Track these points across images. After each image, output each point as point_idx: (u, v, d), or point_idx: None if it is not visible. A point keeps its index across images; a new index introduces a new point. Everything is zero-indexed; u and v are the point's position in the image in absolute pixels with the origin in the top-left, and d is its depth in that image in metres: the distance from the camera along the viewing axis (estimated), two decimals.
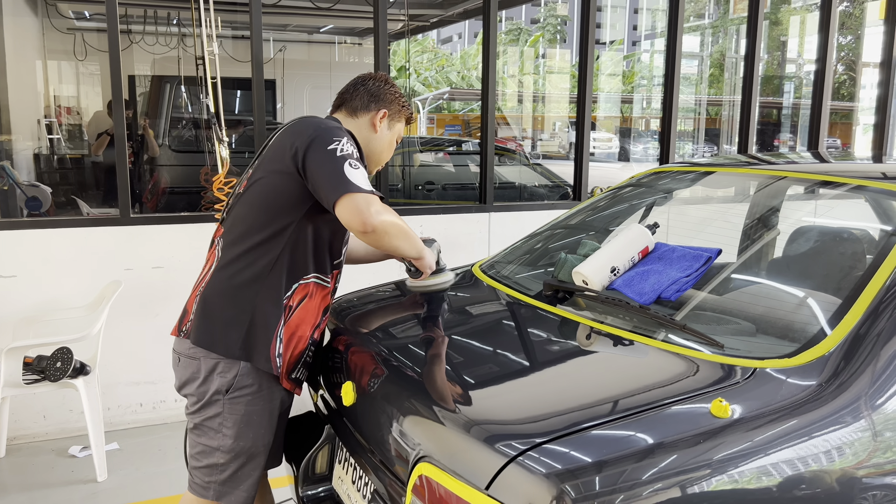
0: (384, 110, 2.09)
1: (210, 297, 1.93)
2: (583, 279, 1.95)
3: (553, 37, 32.04)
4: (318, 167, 1.82)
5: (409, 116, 2.18)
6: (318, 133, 1.87)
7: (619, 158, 19.06)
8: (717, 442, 1.31)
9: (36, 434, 3.62)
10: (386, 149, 2.15)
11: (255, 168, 2.00)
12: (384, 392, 1.73)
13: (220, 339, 1.88)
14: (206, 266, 2.02)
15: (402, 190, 6.28)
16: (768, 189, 2.54)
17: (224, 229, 2.00)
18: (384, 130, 2.11)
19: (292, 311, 1.94)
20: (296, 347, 1.97)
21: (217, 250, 1.99)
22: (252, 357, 1.89)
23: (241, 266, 1.90)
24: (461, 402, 1.53)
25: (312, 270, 1.96)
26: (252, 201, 1.93)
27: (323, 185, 1.81)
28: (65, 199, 6.65)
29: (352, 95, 2.10)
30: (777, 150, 16.44)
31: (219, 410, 1.91)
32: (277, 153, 1.92)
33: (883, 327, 1.51)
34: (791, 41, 19.17)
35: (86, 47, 8.56)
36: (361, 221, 1.77)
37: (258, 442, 1.96)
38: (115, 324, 3.55)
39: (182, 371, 1.96)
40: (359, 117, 2.09)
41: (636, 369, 1.62)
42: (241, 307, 1.89)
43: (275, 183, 1.89)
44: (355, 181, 1.79)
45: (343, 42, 10.96)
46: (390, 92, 2.11)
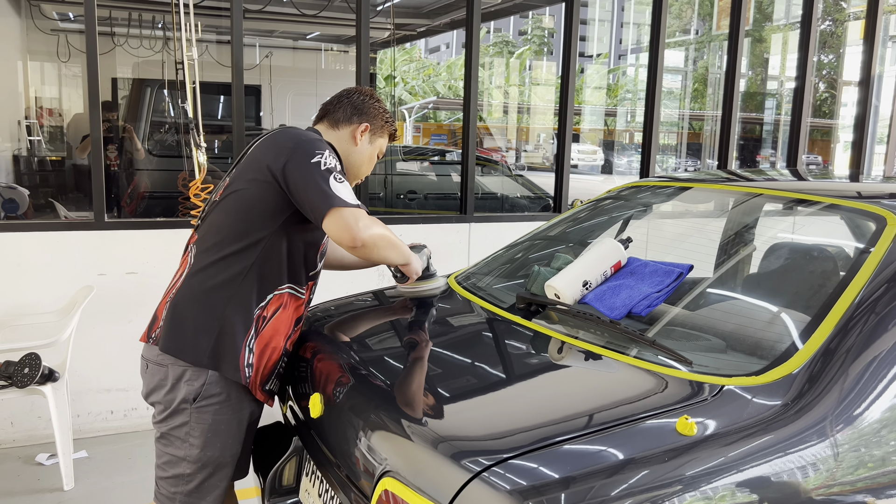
0: (366, 124, 2.08)
1: (180, 304, 1.90)
2: (555, 293, 1.94)
3: (539, 49, 32.25)
4: (302, 181, 1.81)
5: (393, 133, 2.18)
6: (299, 145, 1.86)
7: (603, 171, 19.18)
8: (683, 460, 1.30)
9: (3, 441, 3.55)
10: (366, 162, 2.14)
11: (232, 177, 1.98)
12: (351, 405, 1.70)
13: (189, 346, 1.86)
14: (179, 272, 1.99)
15: (383, 198, 6.27)
16: (744, 206, 2.55)
17: (198, 236, 1.98)
18: (364, 144, 2.10)
19: (266, 321, 1.92)
20: (269, 358, 1.94)
21: (190, 257, 1.97)
22: (220, 366, 1.86)
23: (214, 273, 1.88)
24: (427, 417, 1.52)
25: (287, 281, 1.94)
26: (228, 210, 1.91)
27: (308, 200, 1.81)
28: (44, 201, 6.58)
29: (335, 107, 2.09)
30: (758, 165, 16.61)
31: (185, 419, 1.87)
32: (256, 163, 1.90)
33: (851, 345, 1.51)
34: (773, 58, 19.43)
35: (69, 49, 8.50)
36: (351, 237, 1.78)
37: (225, 452, 1.93)
38: (87, 330, 3.50)
39: (150, 378, 1.92)
40: (340, 129, 2.08)
41: (604, 385, 1.61)
42: (211, 314, 1.87)
43: (252, 192, 1.88)
44: (341, 195, 1.79)
45: (329, 49, 10.96)
46: (374, 107, 2.11)
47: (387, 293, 2.46)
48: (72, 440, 3.39)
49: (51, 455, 3.42)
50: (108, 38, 8.25)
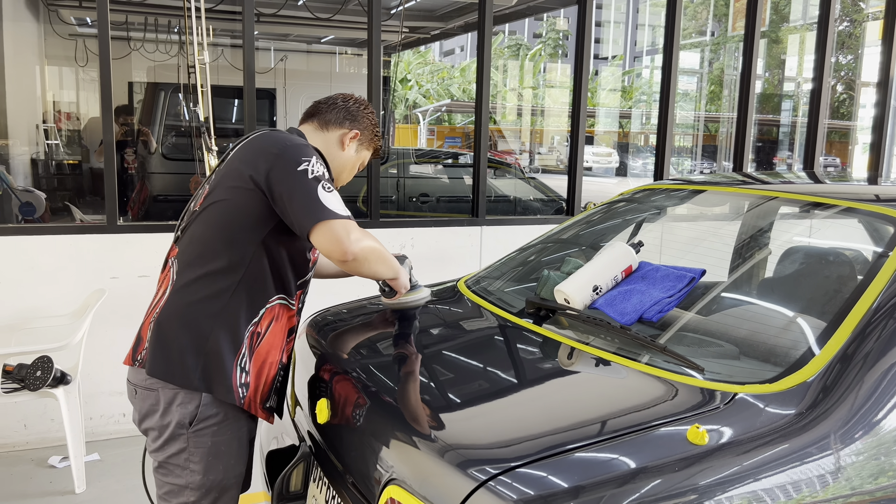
0: (356, 131, 2.01)
1: (165, 324, 1.79)
2: (564, 297, 1.92)
3: (554, 51, 32.19)
4: (288, 190, 1.71)
5: (378, 149, 2.11)
6: (284, 151, 1.76)
7: (617, 173, 19.09)
8: (693, 470, 1.27)
9: (16, 443, 3.57)
10: (347, 170, 2.06)
11: (212, 184, 1.87)
12: (358, 411, 1.69)
13: (177, 368, 1.76)
14: (160, 289, 1.88)
15: (395, 202, 6.26)
16: (759, 209, 2.52)
17: (179, 249, 1.87)
18: (351, 151, 2.03)
19: (261, 337, 1.83)
20: (268, 375, 1.87)
21: (172, 272, 1.86)
22: (212, 388, 1.76)
23: (199, 290, 1.78)
24: (434, 424, 1.50)
25: (277, 293, 1.85)
26: (210, 221, 1.81)
27: (296, 211, 1.71)
28: (61, 204, 6.64)
29: (328, 108, 2.02)
30: (775, 167, 16.46)
31: (183, 445, 1.78)
32: (237, 170, 1.80)
33: (869, 351, 1.48)
34: (790, 59, 19.25)
35: (87, 53, 8.58)
36: (342, 251, 1.70)
37: (229, 474, 1.85)
38: (100, 333, 3.51)
39: (140, 403, 1.82)
40: (329, 131, 2.00)
41: (614, 392, 1.58)
42: (197, 334, 1.76)
43: (235, 202, 1.77)
44: (331, 206, 1.71)
45: (343, 53, 11.00)
46: (368, 117, 2.05)
47: (370, 305, 2.40)
48: (84, 443, 3.41)
49: (63, 458, 3.43)
50: (125, 43, 8.33)
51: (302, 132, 1.98)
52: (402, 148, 10.10)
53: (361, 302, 2.44)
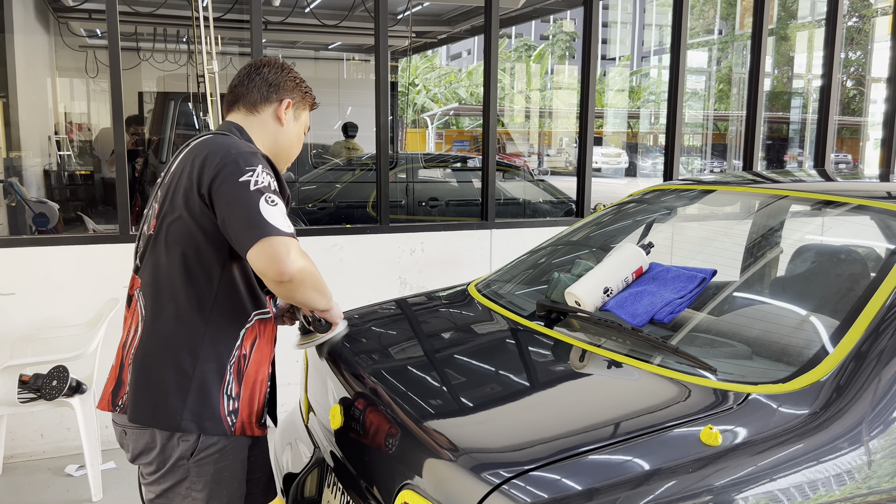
0: (287, 100, 1.84)
1: (143, 366, 1.68)
2: (575, 300, 1.92)
3: (562, 53, 32.16)
4: (228, 204, 1.58)
5: (313, 102, 1.95)
6: (227, 160, 1.62)
7: (627, 174, 19.04)
8: (707, 471, 1.27)
9: (33, 452, 3.60)
10: (295, 143, 1.91)
11: (161, 202, 1.71)
12: (370, 416, 1.69)
13: (161, 413, 1.66)
14: (131, 326, 1.75)
15: (405, 206, 6.27)
16: (769, 208, 2.51)
17: (142, 281, 1.73)
18: (290, 122, 1.87)
19: (247, 360, 1.74)
20: (259, 393, 1.79)
21: (139, 307, 1.73)
22: (202, 425, 1.67)
23: (172, 324, 1.67)
24: (446, 428, 1.50)
25: (254, 309, 1.74)
26: (170, 246, 1.67)
27: (235, 227, 1.57)
28: (74, 215, 6.69)
29: (248, 88, 1.83)
30: (786, 165, 16.36)
31: (184, 475, 1.70)
32: (183, 184, 1.66)
33: (883, 349, 1.47)
34: (799, 56, 19.15)
35: (97, 64, 8.66)
36: (278, 271, 1.53)
37: (233, 497, 1.78)
38: (114, 342, 3.49)
39: (133, 443, 1.72)
40: (260, 112, 1.83)
41: (626, 394, 1.58)
42: (179, 372, 1.66)
43: (189, 224, 1.64)
44: (273, 221, 1.55)
45: (351, 59, 11.04)
46: (290, 78, 1.87)
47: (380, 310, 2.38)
48: (100, 451, 3.43)
49: (80, 466, 3.45)
50: (134, 54, 8.41)
51: (239, 125, 1.82)
52: (410, 153, 10.13)
53: (373, 307, 2.45)
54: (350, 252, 4.03)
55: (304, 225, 5.58)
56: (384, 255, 4.14)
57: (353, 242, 4.06)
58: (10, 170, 6.17)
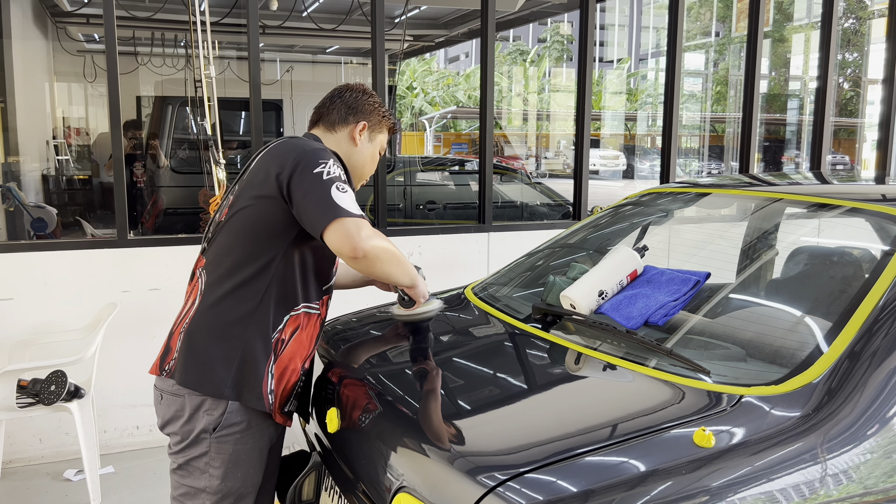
0: (363, 122, 2.00)
1: (196, 335, 1.82)
2: (570, 303, 1.93)
3: (560, 55, 32.21)
4: (304, 193, 1.74)
5: (392, 126, 2.09)
6: (302, 156, 1.78)
7: (624, 176, 19.06)
8: (700, 473, 1.28)
9: (32, 457, 3.60)
10: (368, 162, 2.06)
11: (236, 194, 1.90)
12: (367, 420, 1.70)
13: (207, 378, 1.79)
14: (189, 300, 1.91)
15: (402, 209, 6.28)
16: (764, 211, 2.52)
17: (206, 260, 1.89)
18: (364, 143, 2.02)
19: (284, 344, 1.86)
20: (288, 381, 1.89)
21: (200, 283, 1.88)
22: (243, 396, 1.80)
23: (229, 301, 1.81)
24: (443, 431, 1.51)
25: (302, 300, 1.88)
26: (236, 230, 1.84)
27: (310, 212, 1.73)
28: (72, 219, 6.70)
29: (329, 109, 2.01)
30: (783, 166, 16.39)
31: (205, 450, 1.80)
32: (260, 178, 1.83)
33: (876, 349, 1.48)
34: (796, 58, 19.19)
35: (95, 69, 8.67)
36: (352, 247, 1.70)
37: (247, 482, 1.86)
38: (112, 346, 3.55)
39: (165, 409, 1.85)
40: (337, 132, 2.00)
41: (621, 396, 1.59)
42: (230, 344, 1.80)
43: (259, 210, 1.80)
44: (343, 205, 1.72)
45: (349, 62, 11.06)
46: (369, 102, 2.02)
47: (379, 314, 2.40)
48: (98, 456, 3.43)
49: (78, 471, 3.46)
50: (132, 58, 8.41)
51: (318, 137, 1.99)
52: (408, 156, 10.15)
53: (371, 311, 2.46)
54: None
55: None
56: None
57: None
58: (8, 175, 6.17)
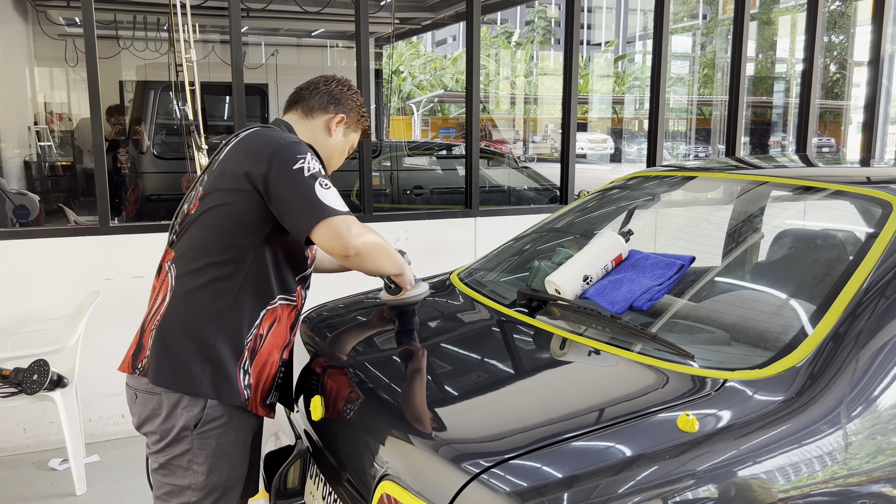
0: (342, 115, 1.96)
1: (169, 331, 1.77)
2: (555, 288, 1.92)
3: (544, 38, 32.05)
4: (285, 192, 1.69)
5: (366, 129, 2.07)
6: (278, 150, 1.72)
7: (612, 159, 19.06)
8: (684, 458, 1.28)
9: (16, 447, 3.57)
10: (337, 156, 2.02)
11: (206, 186, 1.82)
12: (351, 407, 1.69)
13: (182, 376, 1.74)
14: (160, 296, 1.84)
15: (389, 195, 6.25)
16: (750, 194, 2.52)
17: (176, 254, 1.83)
18: (339, 136, 1.98)
19: (263, 339, 1.82)
20: (268, 374, 1.86)
21: (170, 278, 1.82)
22: (220, 393, 1.76)
23: (203, 297, 1.76)
24: (426, 418, 1.50)
25: (278, 293, 1.84)
26: (208, 225, 1.77)
27: (294, 212, 1.69)
28: (56, 206, 6.62)
29: (311, 94, 1.96)
30: (769, 149, 16.45)
31: (187, 447, 1.76)
32: (231, 170, 1.76)
33: (859, 332, 1.48)
34: (782, 40, 19.21)
35: (77, 53, 8.53)
36: (344, 246, 1.67)
37: (233, 474, 1.83)
38: (96, 334, 3.51)
39: (140, 408, 1.80)
40: (314, 118, 1.95)
41: (605, 382, 1.59)
42: (203, 341, 1.75)
43: (233, 205, 1.74)
44: (330, 203, 1.68)
45: (335, 46, 10.95)
46: (352, 98, 1.99)
47: (366, 300, 2.39)
48: (83, 445, 3.41)
49: (63, 460, 3.43)
50: (114, 42, 8.29)
51: (289, 123, 1.94)
52: (395, 140, 10.11)
53: (356, 297, 2.44)
54: None
55: None
56: None
57: None
58: None
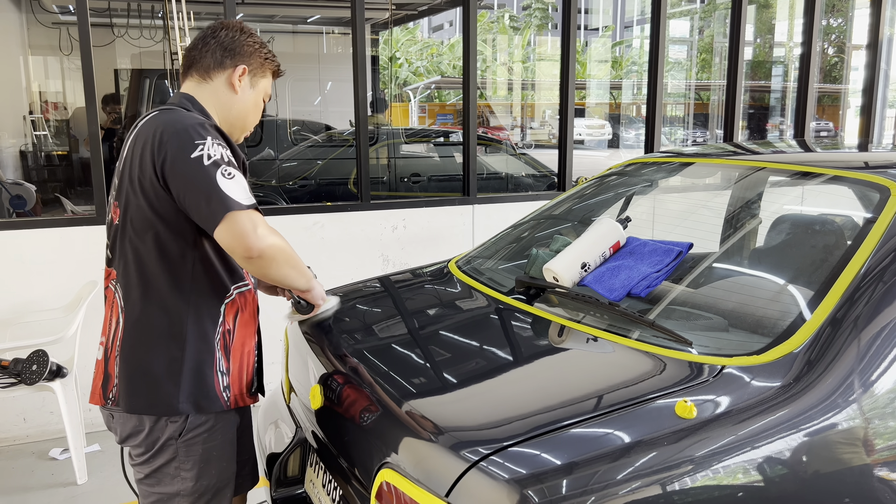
0: (243, 66, 1.75)
1: (132, 355, 1.67)
2: (553, 276, 1.92)
3: (541, 23, 31.86)
4: (184, 184, 1.54)
5: (276, 70, 1.85)
6: (173, 137, 1.56)
7: (610, 145, 19.02)
8: (682, 444, 1.28)
9: (16, 437, 3.58)
10: (252, 111, 1.82)
11: (119, 190, 1.68)
12: (350, 395, 1.70)
13: (157, 399, 1.65)
14: (112, 320, 1.73)
15: (387, 182, 6.23)
16: (748, 180, 2.51)
17: (116, 272, 1.70)
18: (246, 90, 1.77)
19: (232, 335, 1.74)
20: (248, 364, 1.81)
21: (117, 298, 1.70)
22: (199, 405, 1.69)
23: (157, 312, 1.65)
24: (425, 406, 1.50)
25: (231, 284, 1.73)
26: (136, 234, 1.64)
27: (195, 206, 1.54)
28: (52, 196, 6.60)
29: (202, 52, 1.74)
30: (767, 134, 16.42)
31: (173, 455, 1.70)
32: (138, 167, 1.61)
33: (857, 317, 1.48)
34: (781, 24, 19.12)
35: (71, 42, 8.47)
36: (246, 247, 1.51)
37: (223, 476, 1.79)
38: (94, 324, 3.49)
39: (121, 427, 1.72)
40: (213, 79, 1.74)
41: (603, 369, 1.59)
42: (169, 358, 1.66)
43: (150, 207, 1.60)
44: (233, 195, 1.51)
45: (331, 32, 10.88)
46: (247, 43, 1.76)
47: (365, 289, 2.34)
48: (84, 434, 3.42)
49: (64, 449, 3.45)
50: (108, 30, 8.23)
51: (189, 95, 1.75)
52: (392, 127, 10.08)
53: (354, 286, 2.44)
54: (331, 230, 4.02)
55: (285, 203, 5.53)
56: (366, 233, 4.12)
57: (334, 220, 4.04)
58: None
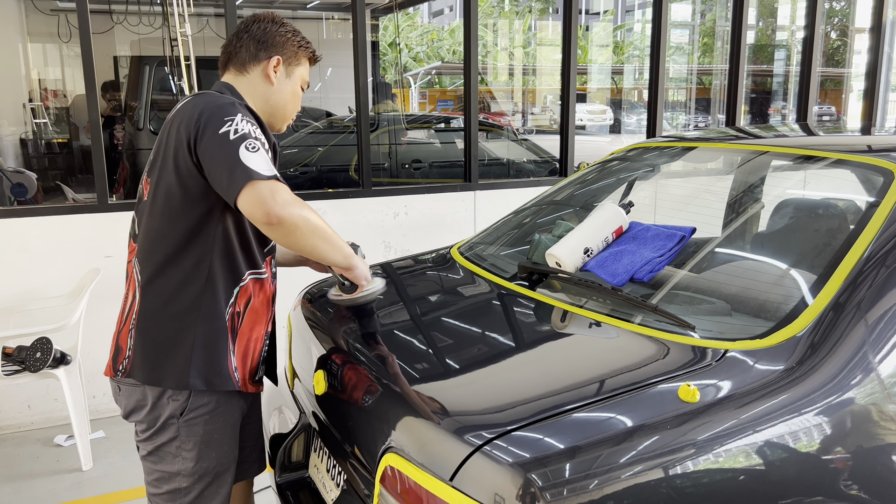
0: (277, 57, 1.80)
1: (146, 329, 1.71)
2: (556, 261, 1.92)
3: (544, 7, 31.68)
4: (211, 157, 1.58)
5: (312, 56, 1.89)
6: (207, 115, 1.60)
7: (612, 130, 18.95)
8: (685, 428, 1.29)
9: (21, 424, 3.60)
10: (290, 101, 1.86)
11: (153, 168, 1.73)
12: (353, 381, 1.70)
13: (168, 372, 1.69)
14: (129, 293, 1.78)
15: (388, 169, 6.21)
16: (750, 164, 2.51)
17: (138, 247, 1.75)
18: (282, 80, 1.82)
19: (241, 317, 1.77)
20: (255, 351, 1.83)
21: (136, 274, 1.74)
22: (210, 381, 1.72)
23: (173, 288, 1.69)
24: (429, 391, 1.51)
25: (247, 269, 1.76)
26: (161, 211, 1.68)
27: (219, 177, 1.57)
28: (53, 184, 6.60)
29: (236, 48, 1.80)
30: (770, 118, 16.35)
31: (174, 434, 1.73)
32: (172, 146, 1.66)
33: (860, 301, 1.48)
34: (784, 7, 18.98)
35: (70, 28, 8.43)
36: (265, 212, 1.53)
37: (223, 460, 1.80)
38: (97, 311, 3.52)
39: (126, 400, 1.77)
40: (250, 72, 1.80)
41: (606, 353, 1.60)
42: (184, 332, 1.69)
43: (182, 185, 1.64)
44: (254, 167, 1.54)
45: (331, 18, 10.81)
46: (279, 33, 1.81)
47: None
48: (88, 421, 3.44)
49: (69, 436, 3.47)
50: (107, 17, 8.18)
51: (230, 84, 1.81)
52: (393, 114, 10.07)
53: None
54: (333, 217, 4.02)
55: None
56: (368, 220, 4.12)
57: (335, 207, 4.04)
58: None
